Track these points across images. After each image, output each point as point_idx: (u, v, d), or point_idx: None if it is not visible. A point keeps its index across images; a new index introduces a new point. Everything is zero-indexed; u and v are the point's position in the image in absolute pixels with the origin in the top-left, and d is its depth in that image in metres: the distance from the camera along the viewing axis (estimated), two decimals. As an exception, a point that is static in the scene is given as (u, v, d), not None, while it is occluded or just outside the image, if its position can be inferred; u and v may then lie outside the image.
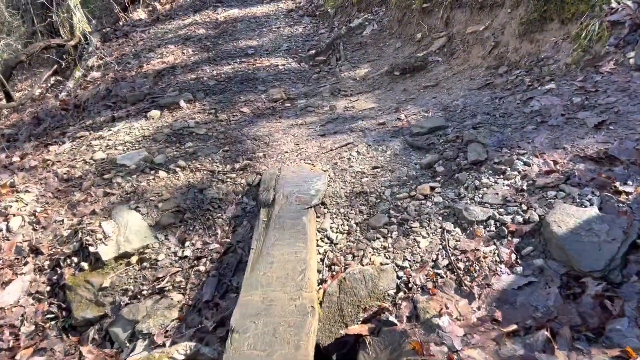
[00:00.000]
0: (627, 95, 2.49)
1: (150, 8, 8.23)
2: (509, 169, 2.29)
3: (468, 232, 2.06)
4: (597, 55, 2.92)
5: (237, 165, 2.97)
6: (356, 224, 2.24)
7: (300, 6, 7.06)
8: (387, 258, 2.05)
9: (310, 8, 6.83)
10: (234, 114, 3.76)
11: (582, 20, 3.12)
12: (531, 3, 3.40)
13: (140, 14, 8.17)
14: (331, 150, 2.92)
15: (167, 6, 8.00)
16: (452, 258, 1.94)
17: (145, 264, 2.40)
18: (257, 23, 6.51)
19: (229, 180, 2.85)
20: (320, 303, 1.89)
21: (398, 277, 1.96)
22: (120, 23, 7.69)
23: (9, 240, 2.67)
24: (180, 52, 5.56)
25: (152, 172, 3.04)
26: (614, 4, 2.99)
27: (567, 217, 1.91)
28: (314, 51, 5.10)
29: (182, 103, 3.96)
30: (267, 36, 5.91)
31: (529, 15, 3.40)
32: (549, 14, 3.33)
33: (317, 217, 2.31)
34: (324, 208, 2.36)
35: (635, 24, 2.85)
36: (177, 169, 3.02)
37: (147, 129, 3.65)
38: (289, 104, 3.90)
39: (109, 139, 3.55)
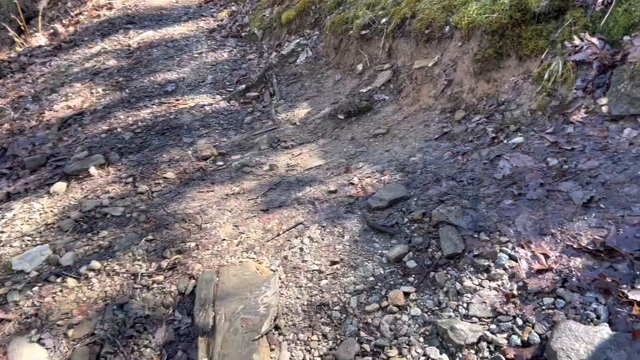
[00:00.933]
0: (610, 158, 2.26)
1: (52, 31, 7.43)
2: (492, 264, 1.99)
3: (457, 359, 1.73)
4: (565, 101, 2.69)
5: (164, 263, 2.50)
6: (321, 356, 1.85)
7: (223, 25, 6.57)
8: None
9: (235, 28, 6.35)
10: (157, 181, 3.26)
11: (543, 59, 2.89)
12: (484, 37, 3.14)
13: (39, 38, 7.37)
14: (278, 235, 2.52)
15: (71, 28, 7.25)
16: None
17: None
18: (176, 48, 5.96)
19: (155, 286, 2.38)
20: None
21: None
22: (18, 50, 6.85)
23: None
24: (88, 92, 4.93)
25: (59, 279, 2.51)
26: (577, 41, 2.78)
27: (576, 343, 1.62)
28: (244, 86, 4.66)
29: (92, 170, 3.40)
30: (189, 65, 5.39)
31: (483, 52, 3.14)
32: (506, 49, 3.09)
33: (271, 349, 1.90)
34: (279, 334, 1.95)
35: (603, 65, 2.65)
36: (90, 274, 2.51)
37: (51, 211, 3.08)
38: (221, 162, 3.45)
39: (1, 231, 2.95)
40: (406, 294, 2.01)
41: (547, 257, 1.95)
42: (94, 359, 2.11)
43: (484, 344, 1.75)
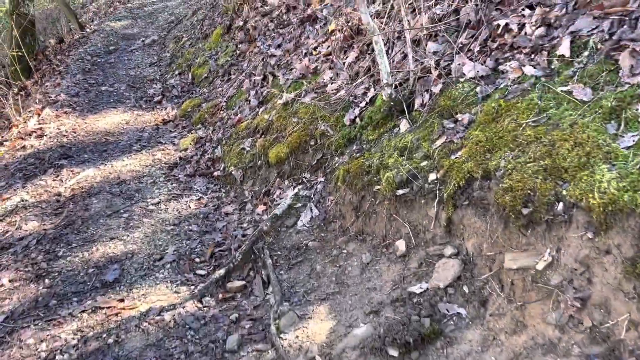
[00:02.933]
0: None
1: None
2: None
3: None
4: None
5: None
6: None
7: (187, 157, 5.32)
8: None
9: (203, 162, 5.11)
10: None
11: None
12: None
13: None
14: None
15: (-14, 166, 5.86)
16: None
17: None
18: (124, 195, 4.63)
19: None
20: None
21: None
22: None
23: None
24: (-15, 286, 3.46)
25: None
26: None
27: None
28: (222, 271, 3.30)
29: None
30: (141, 226, 4.04)
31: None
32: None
33: None
34: None
35: None
36: None
37: None
38: None
39: None
40: None
41: None
42: None
43: None
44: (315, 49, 5.16)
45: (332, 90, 4.37)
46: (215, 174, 4.90)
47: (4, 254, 3.90)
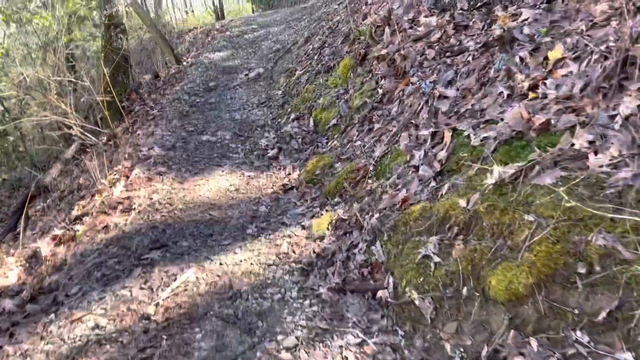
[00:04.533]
0: None
1: (29, 256, 4.86)
2: None
3: None
4: None
5: None
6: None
7: (327, 253, 3.76)
8: None
9: (354, 267, 3.52)
10: None
11: None
12: None
13: (9, 268, 4.85)
14: None
15: (60, 252, 4.65)
16: None
17: None
18: (241, 326, 3.17)
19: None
20: None
21: None
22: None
23: None
24: None
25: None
26: None
27: None
28: None
29: None
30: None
31: None
32: None
33: None
34: None
35: None
36: None
37: None
38: None
39: None
40: None
41: None
42: None
43: None
44: (532, 88, 3.40)
45: (601, 166, 2.57)
46: (380, 294, 3.22)
47: None
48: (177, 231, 4.57)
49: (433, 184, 3.66)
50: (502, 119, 3.52)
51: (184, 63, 11.19)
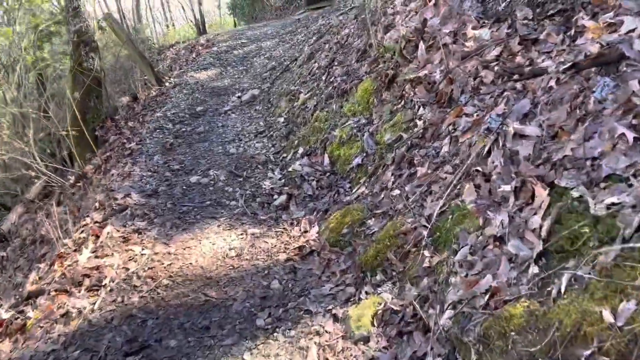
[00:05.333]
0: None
1: None
2: None
3: None
4: None
5: None
6: None
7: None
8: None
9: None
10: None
11: None
12: None
13: None
14: None
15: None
16: None
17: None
18: None
19: None
20: None
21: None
22: None
23: None
24: None
25: None
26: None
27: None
28: None
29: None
30: None
31: None
32: None
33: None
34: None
35: None
36: None
37: None
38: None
39: None
40: None
41: None
42: None
43: None
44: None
45: None
46: None
47: None
48: (162, 322, 3.44)
49: (535, 270, 2.57)
50: (635, 176, 2.45)
51: (166, 84, 10.07)
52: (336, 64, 6.53)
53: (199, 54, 12.31)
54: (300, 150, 5.64)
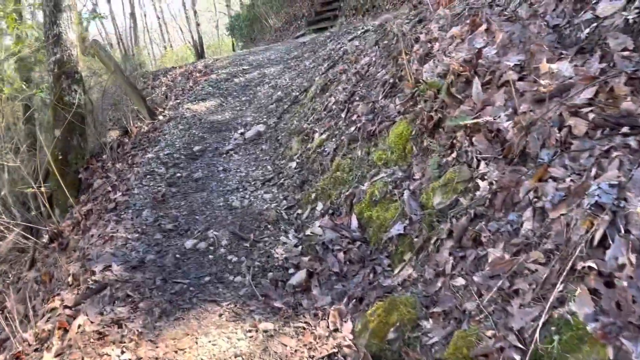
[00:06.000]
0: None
1: None
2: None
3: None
4: None
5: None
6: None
7: None
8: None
9: None
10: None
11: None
12: None
13: None
14: None
15: None
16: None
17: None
18: None
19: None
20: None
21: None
22: None
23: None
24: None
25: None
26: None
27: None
28: None
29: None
30: None
31: None
32: None
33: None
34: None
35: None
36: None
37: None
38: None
39: None
40: None
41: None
42: None
43: None
44: None
45: None
46: None
47: None
48: None
49: None
50: None
51: (160, 117, 9.14)
52: (357, 98, 5.58)
53: (196, 82, 11.40)
54: (319, 206, 4.66)
